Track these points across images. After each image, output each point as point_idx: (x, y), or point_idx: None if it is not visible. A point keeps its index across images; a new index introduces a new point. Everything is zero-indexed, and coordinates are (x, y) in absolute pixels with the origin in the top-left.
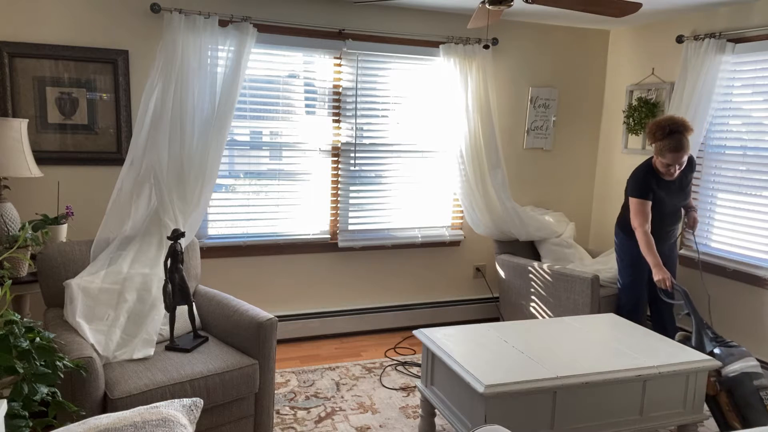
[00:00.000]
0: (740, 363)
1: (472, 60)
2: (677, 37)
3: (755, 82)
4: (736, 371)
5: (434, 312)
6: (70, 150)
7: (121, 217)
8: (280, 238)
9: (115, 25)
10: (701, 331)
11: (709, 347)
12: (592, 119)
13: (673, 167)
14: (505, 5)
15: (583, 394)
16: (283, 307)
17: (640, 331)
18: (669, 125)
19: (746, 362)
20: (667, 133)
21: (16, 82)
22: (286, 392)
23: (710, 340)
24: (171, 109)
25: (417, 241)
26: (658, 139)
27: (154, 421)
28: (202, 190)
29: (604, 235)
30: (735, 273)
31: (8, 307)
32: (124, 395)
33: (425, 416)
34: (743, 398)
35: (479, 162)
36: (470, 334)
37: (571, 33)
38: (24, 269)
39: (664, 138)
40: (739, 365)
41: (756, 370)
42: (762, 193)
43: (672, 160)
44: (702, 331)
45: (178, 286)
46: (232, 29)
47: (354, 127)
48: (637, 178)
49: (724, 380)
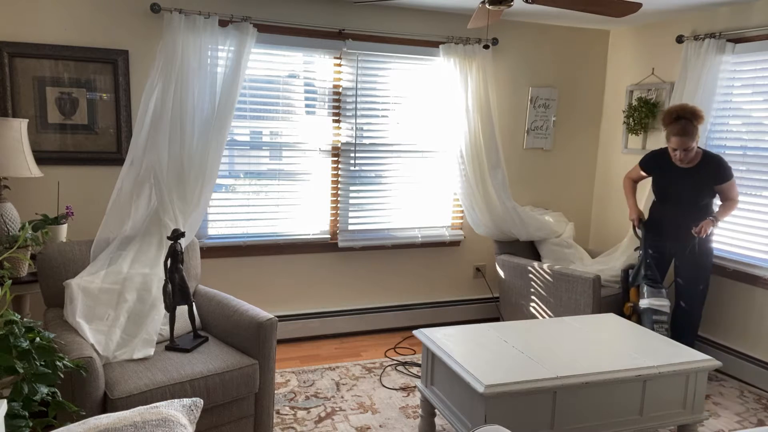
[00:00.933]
0: (651, 299)
1: (472, 60)
2: (677, 37)
3: (755, 82)
4: (645, 305)
5: (434, 312)
6: (70, 150)
7: (121, 217)
8: (280, 238)
9: (115, 25)
10: (641, 267)
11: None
12: (592, 119)
13: (678, 152)
14: (505, 5)
15: (583, 394)
16: (283, 307)
17: (640, 331)
18: (678, 111)
19: (656, 300)
20: (674, 118)
21: (16, 82)
22: (286, 392)
23: (644, 277)
24: (171, 109)
25: (417, 241)
26: (667, 124)
27: (154, 421)
28: (202, 190)
29: (603, 235)
30: (735, 273)
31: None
32: (124, 395)
33: (425, 416)
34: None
35: (479, 162)
36: (470, 334)
37: (571, 33)
38: (24, 269)
39: (671, 123)
40: (649, 301)
41: (659, 309)
42: (762, 193)
43: (676, 144)
44: (642, 268)
45: (178, 286)
46: (232, 29)
47: (354, 127)
48: (649, 152)
49: (636, 308)
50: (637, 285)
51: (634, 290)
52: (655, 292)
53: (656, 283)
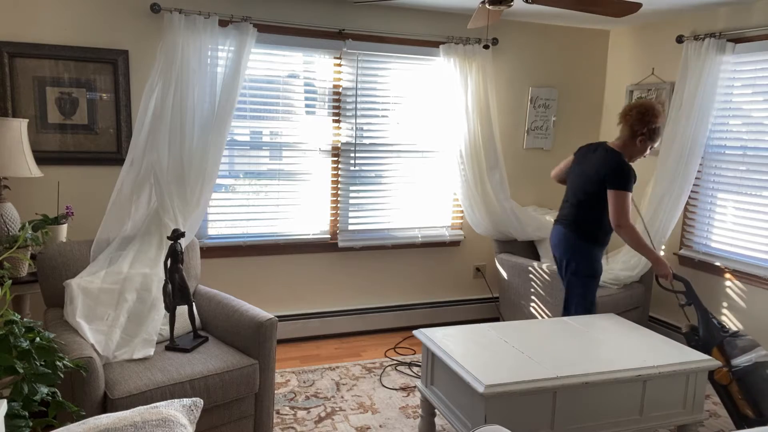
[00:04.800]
0: (753, 353)
1: (472, 60)
2: (677, 37)
3: (755, 82)
4: (749, 361)
5: (434, 312)
6: (70, 150)
7: (121, 217)
8: (280, 238)
9: (115, 25)
10: (708, 321)
11: (719, 338)
12: (592, 119)
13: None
14: (505, 5)
15: (583, 394)
16: (283, 307)
17: (640, 331)
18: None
19: (757, 352)
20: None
21: (16, 82)
22: (286, 392)
23: (718, 330)
24: (171, 109)
25: (417, 241)
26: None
27: (154, 421)
28: (202, 190)
29: None
30: (735, 273)
31: (8, 307)
32: (124, 395)
33: (425, 416)
34: (755, 386)
35: (478, 162)
36: (470, 334)
37: (571, 33)
38: (24, 269)
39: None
40: (752, 355)
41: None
42: (762, 193)
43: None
44: (709, 321)
45: (178, 286)
46: (232, 29)
47: (354, 127)
48: (626, 169)
49: (737, 370)
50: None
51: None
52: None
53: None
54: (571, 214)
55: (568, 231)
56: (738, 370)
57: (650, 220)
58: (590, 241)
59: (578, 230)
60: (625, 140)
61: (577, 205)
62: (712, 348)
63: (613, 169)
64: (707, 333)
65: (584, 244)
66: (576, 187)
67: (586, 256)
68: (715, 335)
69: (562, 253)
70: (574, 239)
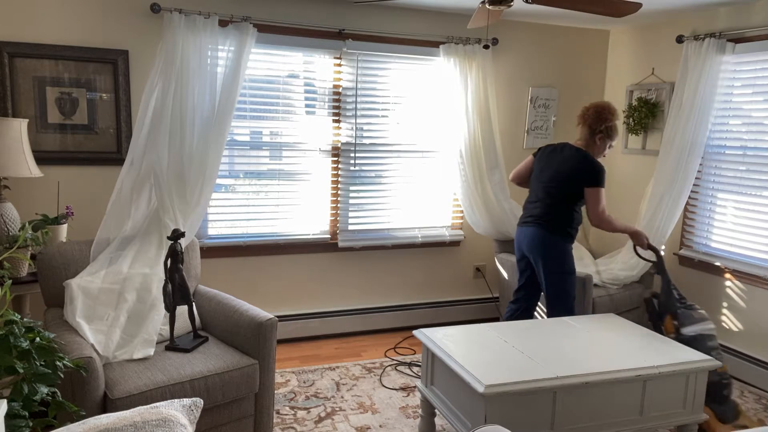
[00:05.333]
0: (700, 325)
1: (472, 60)
2: (677, 37)
3: (755, 82)
4: (695, 331)
5: (434, 312)
6: (70, 150)
7: (121, 217)
8: (280, 238)
9: (115, 25)
10: (669, 291)
11: (675, 308)
12: None
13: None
14: (505, 5)
15: (583, 394)
16: (283, 307)
17: (640, 331)
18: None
19: (705, 325)
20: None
21: (16, 82)
22: (286, 392)
23: (676, 301)
24: (171, 109)
25: (417, 241)
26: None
27: (154, 421)
28: (202, 190)
29: (603, 235)
30: (735, 273)
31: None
32: (124, 395)
33: (425, 416)
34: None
35: (478, 162)
36: (470, 334)
37: (571, 33)
38: (24, 269)
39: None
40: (699, 327)
41: (711, 333)
42: (762, 193)
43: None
44: (670, 292)
45: (178, 286)
46: (232, 29)
47: (354, 127)
48: (599, 166)
49: (684, 338)
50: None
51: (669, 318)
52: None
53: (689, 304)
54: (545, 214)
55: (543, 231)
56: (684, 337)
57: (650, 220)
58: (564, 238)
59: (554, 229)
60: (586, 139)
61: (551, 205)
62: (666, 315)
63: (588, 168)
64: (665, 301)
65: (560, 242)
66: (549, 186)
67: (563, 253)
68: (671, 304)
69: (539, 253)
70: (551, 238)
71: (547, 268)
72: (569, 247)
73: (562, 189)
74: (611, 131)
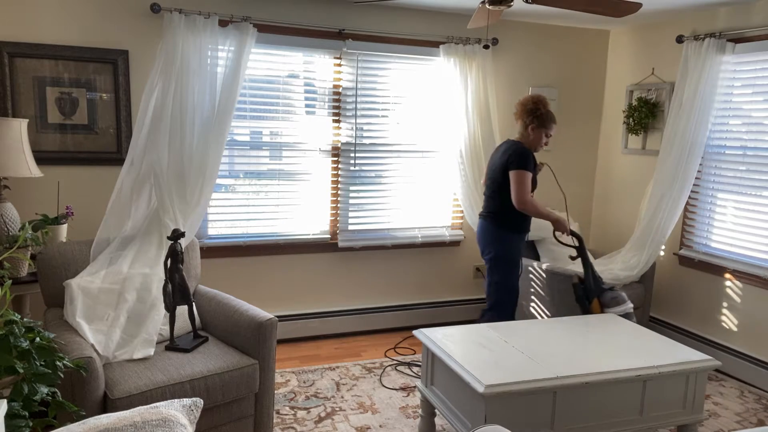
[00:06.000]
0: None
1: (472, 60)
2: (677, 37)
3: (755, 82)
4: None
5: (434, 312)
6: (70, 150)
7: (121, 217)
8: (280, 238)
9: (115, 25)
10: (590, 276)
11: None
12: (592, 119)
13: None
14: (505, 5)
15: (583, 394)
16: (283, 307)
17: (640, 331)
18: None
19: (626, 306)
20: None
21: (16, 82)
22: (286, 392)
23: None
24: (171, 109)
25: (417, 241)
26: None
27: (154, 421)
28: (202, 190)
29: (604, 235)
30: (735, 273)
31: (8, 307)
32: (124, 395)
33: (425, 416)
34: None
35: (478, 162)
36: (470, 334)
37: (571, 33)
38: (24, 269)
39: (547, 110)
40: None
41: (631, 311)
42: (762, 193)
43: (555, 130)
44: (592, 276)
45: (178, 286)
46: (232, 29)
47: (354, 127)
48: (522, 150)
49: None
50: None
51: (596, 301)
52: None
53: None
54: (486, 206)
55: (486, 222)
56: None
57: (650, 220)
58: (507, 229)
59: (495, 220)
60: (521, 133)
61: (491, 197)
62: (593, 298)
63: (511, 154)
64: (591, 285)
65: (502, 232)
66: (489, 180)
67: (504, 244)
68: (596, 288)
69: (483, 243)
70: (493, 229)
71: (487, 256)
72: (512, 238)
73: (497, 180)
74: (543, 119)
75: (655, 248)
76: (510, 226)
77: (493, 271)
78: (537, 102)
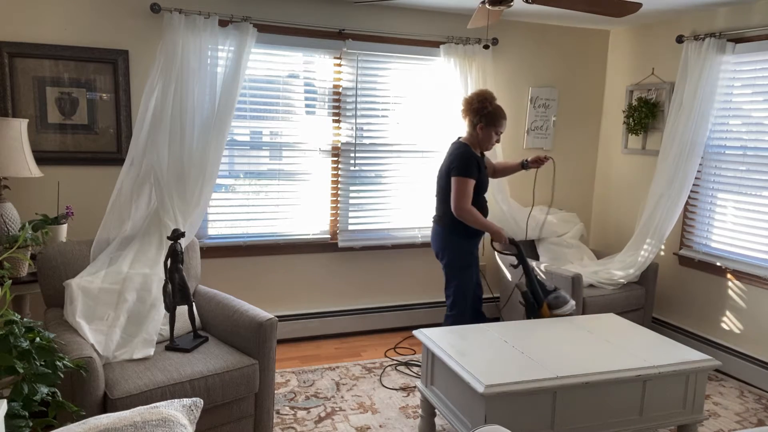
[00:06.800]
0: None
1: (472, 60)
2: (677, 37)
3: (755, 82)
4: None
5: (434, 312)
6: (70, 150)
7: (121, 217)
8: (280, 238)
9: (115, 25)
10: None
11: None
12: (592, 119)
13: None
14: (505, 5)
15: (583, 394)
16: (283, 307)
17: (640, 331)
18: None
19: (569, 306)
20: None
21: (16, 82)
22: (286, 392)
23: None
24: (171, 109)
25: (417, 241)
26: (489, 108)
27: (154, 421)
28: (202, 190)
29: (604, 235)
30: (735, 273)
31: (8, 307)
32: (124, 395)
33: (425, 416)
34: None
35: None
36: (470, 334)
37: (571, 33)
38: (24, 269)
39: (495, 106)
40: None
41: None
42: (762, 193)
43: (504, 127)
44: (536, 281)
45: (178, 286)
46: (232, 29)
47: (354, 127)
48: (464, 156)
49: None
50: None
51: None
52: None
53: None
54: (437, 210)
55: (437, 226)
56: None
57: (650, 219)
58: (458, 234)
59: (445, 225)
60: (469, 132)
61: (441, 201)
62: (542, 303)
63: (454, 159)
64: (537, 290)
65: (453, 237)
66: (437, 183)
67: (455, 250)
68: (542, 293)
69: (436, 248)
70: (444, 233)
71: (442, 261)
72: (464, 242)
73: (442, 184)
74: (490, 118)
75: (654, 248)
76: (460, 231)
77: (449, 276)
78: (483, 99)
